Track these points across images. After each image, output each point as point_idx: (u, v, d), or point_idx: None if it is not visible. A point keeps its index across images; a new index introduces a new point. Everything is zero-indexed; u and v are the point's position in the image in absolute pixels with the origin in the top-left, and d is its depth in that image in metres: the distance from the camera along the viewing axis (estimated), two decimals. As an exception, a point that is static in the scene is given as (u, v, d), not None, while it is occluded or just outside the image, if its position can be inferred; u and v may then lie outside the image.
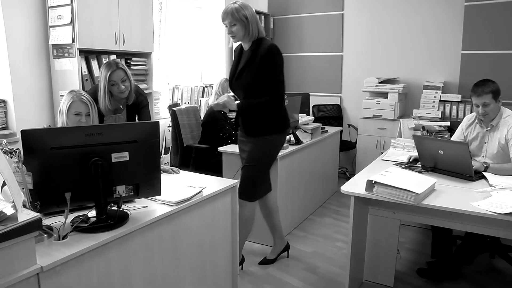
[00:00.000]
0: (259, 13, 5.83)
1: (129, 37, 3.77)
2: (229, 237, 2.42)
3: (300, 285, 2.90)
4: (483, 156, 2.91)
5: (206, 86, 5.34)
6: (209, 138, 4.02)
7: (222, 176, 3.31)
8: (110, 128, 1.73)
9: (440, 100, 4.83)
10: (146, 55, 4.12)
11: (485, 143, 2.91)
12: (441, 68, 5.06)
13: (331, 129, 4.72)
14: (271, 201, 3.04)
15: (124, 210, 1.79)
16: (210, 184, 2.27)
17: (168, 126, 4.57)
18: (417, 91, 5.12)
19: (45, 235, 1.53)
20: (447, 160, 2.67)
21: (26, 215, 1.30)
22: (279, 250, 3.23)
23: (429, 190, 2.33)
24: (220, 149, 3.54)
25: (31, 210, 1.39)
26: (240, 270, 2.98)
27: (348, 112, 5.81)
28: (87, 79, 3.53)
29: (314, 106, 5.71)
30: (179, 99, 4.97)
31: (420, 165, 2.86)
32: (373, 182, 2.32)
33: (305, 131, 3.99)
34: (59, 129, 2.07)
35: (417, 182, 2.33)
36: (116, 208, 1.70)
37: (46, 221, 1.61)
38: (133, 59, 3.97)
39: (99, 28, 3.48)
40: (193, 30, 5.34)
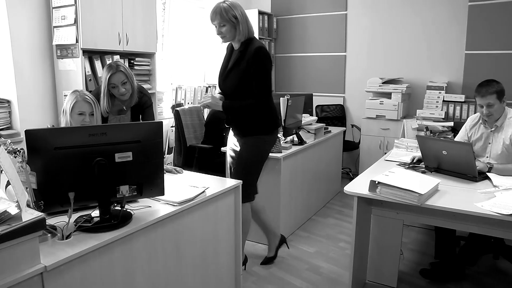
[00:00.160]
0: (263, 13, 5.83)
1: (133, 38, 3.78)
2: (232, 237, 2.42)
3: (303, 285, 2.90)
4: (487, 157, 2.90)
5: (209, 86, 5.34)
6: (212, 138, 4.03)
7: (225, 176, 3.31)
8: (114, 128, 1.73)
9: (444, 101, 4.81)
10: (150, 55, 4.13)
11: (489, 144, 2.90)
12: (445, 68, 5.05)
13: (334, 130, 4.71)
14: (257, 203, 3.01)
15: (128, 210, 1.79)
16: (213, 184, 2.28)
17: (172, 126, 4.58)
18: (421, 91, 5.11)
19: (49, 235, 1.53)
20: (451, 161, 2.66)
21: (30, 215, 1.31)
22: (276, 245, 3.22)
23: (433, 191, 2.33)
24: (223, 149, 3.54)
25: (35, 210, 1.39)
26: (243, 270, 2.98)
27: (351, 112, 5.81)
28: (91, 79, 3.54)
29: (317, 106, 5.70)
30: (183, 99, 4.97)
31: (424, 166, 2.85)
32: (377, 183, 2.32)
33: (308, 132, 3.99)
34: (63, 129, 2.08)
35: (421, 183, 2.32)
36: (120, 208, 1.71)
37: (50, 221, 1.61)
38: (137, 59, 3.98)
39: (103, 29, 3.49)
40: (196, 30, 5.35)
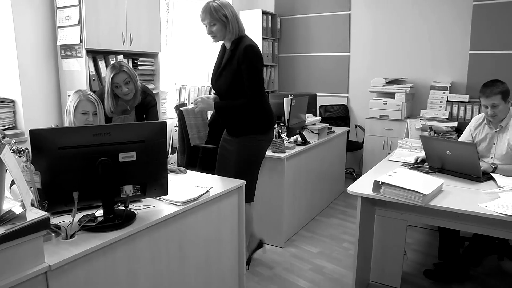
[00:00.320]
0: (266, 13, 5.84)
1: (137, 38, 3.79)
2: (236, 237, 2.42)
3: (307, 286, 2.90)
4: (492, 157, 2.89)
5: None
6: (216, 138, 4.01)
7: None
8: (118, 128, 1.74)
9: (448, 101, 4.80)
10: (153, 55, 4.13)
11: (494, 144, 2.89)
12: (449, 68, 5.03)
13: (338, 130, 4.71)
14: None
15: (131, 210, 1.80)
16: (217, 184, 2.28)
17: (175, 126, 4.59)
18: (425, 92, 5.10)
19: (53, 234, 1.54)
20: (455, 161, 2.65)
21: (35, 214, 1.31)
22: (252, 248, 3.11)
23: (437, 191, 2.32)
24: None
25: (39, 209, 1.40)
26: (247, 271, 2.98)
27: (355, 113, 5.80)
28: (95, 79, 3.55)
29: (321, 107, 5.70)
30: (186, 99, 4.98)
31: (427, 166, 2.84)
32: (380, 183, 2.31)
33: (312, 132, 3.98)
34: (67, 129, 2.09)
35: (425, 183, 2.32)
36: (123, 208, 1.71)
37: (54, 220, 1.62)
38: (140, 59, 3.99)
39: (107, 29, 3.50)
40: (200, 30, 5.35)
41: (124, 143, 1.66)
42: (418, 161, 2.94)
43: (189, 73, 5.29)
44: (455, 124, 4.12)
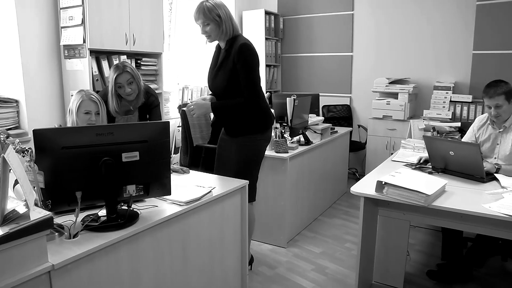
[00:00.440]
0: (269, 13, 5.84)
1: (139, 38, 3.80)
2: (239, 237, 2.42)
3: (309, 286, 2.89)
4: (495, 158, 2.88)
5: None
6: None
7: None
8: (121, 128, 1.74)
9: (451, 101, 4.79)
10: (156, 56, 4.14)
11: (498, 145, 2.88)
12: (452, 69, 5.02)
13: (341, 130, 4.70)
14: None
15: (134, 210, 1.80)
16: (220, 184, 2.28)
17: (178, 126, 4.59)
18: (428, 92, 5.09)
19: (56, 234, 1.54)
20: (458, 161, 2.64)
21: (38, 214, 1.32)
22: None
23: (440, 192, 2.32)
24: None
25: (43, 209, 1.40)
26: (249, 270, 2.98)
27: (358, 113, 5.79)
28: (98, 79, 3.55)
29: (324, 107, 5.69)
30: (189, 99, 4.98)
31: (431, 166, 2.84)
32: (383, 183, 2.31)
33: (315, 132, 3.98)
34: (70, 129, 2.09)
35: (428, 183, 2.31)
36: (126, 208, 1.71)
37: (57, 220, 1.62)
38: (143, 60, 4.00)
39: (110, 29, 3.50)
40: (203, 31, 5.35)
41: (127, 143, 1.67)
42: (421, 162, 2.93)
43: (192, 73, 5.30)
44: (458, 125, 4.11)
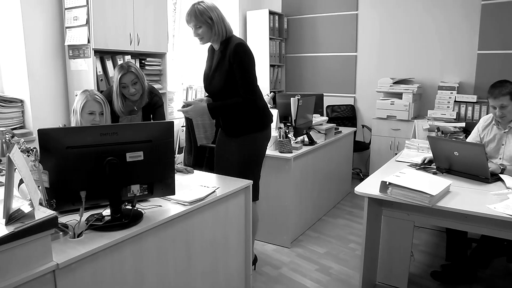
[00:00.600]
0: (273, 13, 5.84)
1: (144, 38, 3.80)
2: (242, 237, 2.43)
3: (313, 286, 2.89)
4: (500, 158, 2.86)
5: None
6: (223, 138, 4.02)
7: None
8: (125, 128, 1.74)
9: (455, 101, 4.77)
10: (161, 56, 4.15)
11: (503, 145, 2.87)
12: (457, 68, 5.00)
13: (345, 130, 4.69)
14: None
15: (138, 209, 1.81)
16: (224, 184, 2.28)
17: (182, 126, 4.60)
18: (432, 92, 5.07)
19: (61, 233, 1.55)
20: (463, 162, 2.63)
21: (43, 213, 1.32)
22: None
23: (444, 192, 2.31)
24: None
25: (47, 208, 1.40)
26: (253, 270, 2.98)
27: (362, 113, 5.78)
28: (102, 79, 3.56)
29: (328, 107, 5.69)
30: (193, 99, 4.98)
31: (435, 167, 2.83)
32: (387, 183, 2.31)
33: (319, 132, 3.98)
34: (75, 129, 2.10)
35: (432, 184, 2.30)
36: (130, 207, 1.72)
37: (62, 219, 1.63)
38: (148, 60, 4.00)
39: (114, 29, 3.51)
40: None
41: (132, 143, 1.67)
42: (426, 162, 2.92)
43: (196, 73, 5.30)
44: (463, 125, 4.09)
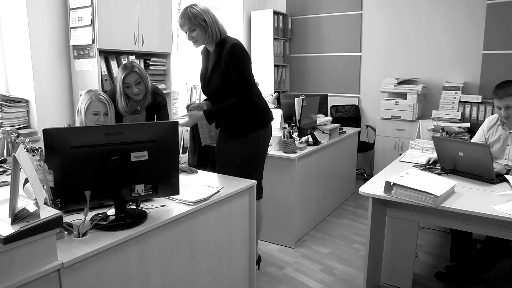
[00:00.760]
0: (277, 14, 5.84)
1: (148, 38, 3.81)
2: (246, 237, 2.43)
3: (317, 286, 2.89)
4: (506, 159, 2.85)
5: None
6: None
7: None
8: (130, 128, 1.75)
9: (460, 101, 4.75)
10: (165, 56, 4.15)
11: (508, 146, 2.85)
12: (461, 69, 4.98)
13: (349, 130, 4.69)
14: None
15: (143, 209, 1.81)
16: (228, 184, 2.28)
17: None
18: (437, 92, 5.05)
19: (66, 232, 1.55)
20: (467, 162, 2.62)
21: (48, 212, 1.33)
22: None
23: (449, 193, 2.30)
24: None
25: (52, 208, 1.41)
26: (257, 270, 2.98)
27: (366, 113, 5.77)
28: (106, 79, 3.57)
29: (332, 107, 5.68)
30: (197, 99, 4.99)
31: (439, 167, 2.82)
32: (392, 184, 2.30)
33: (323, 132, 3.97)
34: (80, 128, 2.11)
35: (436, 184, 2.30)
36: (135, 207, 1.72)
37: (66, 219, 1.63)
38: (152, 60, 4.01)
39: (119, 29, 3.52)
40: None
41: (136, 143, 1.67)
42: (430, 162, 2.91)
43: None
44: (468, 125, 4.08)
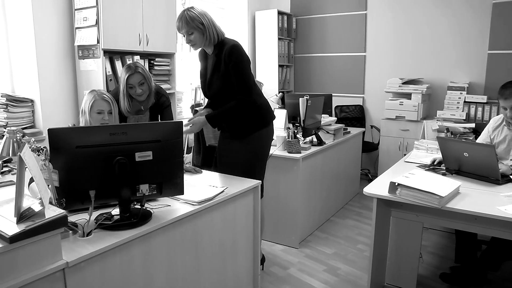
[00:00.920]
0: (282, 14, 5.83)
1: (153, 38, 3.82)
2: (251, 237, 2.43)
3: (321, 287, 2.88)
4: (511, 160, 2.84)
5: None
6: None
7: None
8: (134, 128, 1.75)
9: (465, 101, 4.73)
10: (169, 56, 4.16)
11: (513, 146, 2.84)
12: (466, 69, 4.96)
13: (354, 130, 4.68)
14: None
15: (147, 209, 1.82)
16: (232, 184, 2.28)
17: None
18: (441, 92, 5.03)
19: (70, 232, 1.56)
20: (472, 163, 2.61)
21: (53, 212, 1.33)
22: None
23: (454, 193, 2.29)
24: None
25: (57, 207, 1.42)
26: (261, 270, 2.98)
27: (371, 113, 5.76)
28: (111, 79, 3.58)
29: (337, 107, 5.68)
30: (202, 99, 4.99)
31: (444, 168, 2.81)
32: (396, 184, 2.29)
33: (328, 132, 3.97)
34: (84, 128, 2.11)
35: (441, 185, 2.29)
36: (139, 207, 1.73)
37: (71, 218, 1.64)
38: (157, 60, 4.02)
39: (123, 29, 3.53)
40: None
41: (141, 143, 1.68)
42: (435, 163, 2.90)
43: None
44: (473, 126, 4.06)
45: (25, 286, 1.26)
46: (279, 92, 5.53)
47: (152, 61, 3.99)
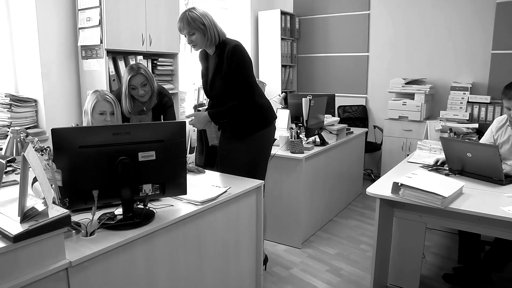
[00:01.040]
0: (285, 14, 5.83)
1: (156, 38, 3.83)
2: (254, 237, 2.43)
3: (324, 287, 2.88)
4: (514, 160, 2.83)
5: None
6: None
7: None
8: (137, 128, 1.75)
9: (468, 102, 4.71)
10: (172, 56, 4.17)
11: (517, 146, 2.83)
12: (470, 69, 4.95)
13: (357, 130, 4.68)
14: None
15: (150, 209, 1.82)
16: (235, 184, 2.29)
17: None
18: (444, 92, 5.02)
19: (74, 231, 1.56)
20: (476, 163, 2.61)
21: (56, 212, 1.34)
22: None
23: (457, 194, 2.29)
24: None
25: (61, 207, 1.42)
26: (264, 270, 2.98)
27: (374, 113, 5.75)
28: (114, 79, 3.59)
29: (340, 107, 5.67)
30: (205, 99, 5.00)
31: (447, 168, 2.80)
32: (399, 185, 2.29)
33: (331, 132, 3.97)
34: (88, 128, 2.12)
35: (444, 185, 2.28)
36: (142, 207, 1.73)
37: (74, 218, 1.64)
38: (160, 60, 4.03)
39: (127, 30, 3.54)
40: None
41: (144, 143, 1.68)
42: (438, 163, 2.90)
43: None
44: (476, 126, 4.05)
45: (29, 285, 1.26)
46: (282, 92, 5.53)
47: (155, 61, 4.00)
